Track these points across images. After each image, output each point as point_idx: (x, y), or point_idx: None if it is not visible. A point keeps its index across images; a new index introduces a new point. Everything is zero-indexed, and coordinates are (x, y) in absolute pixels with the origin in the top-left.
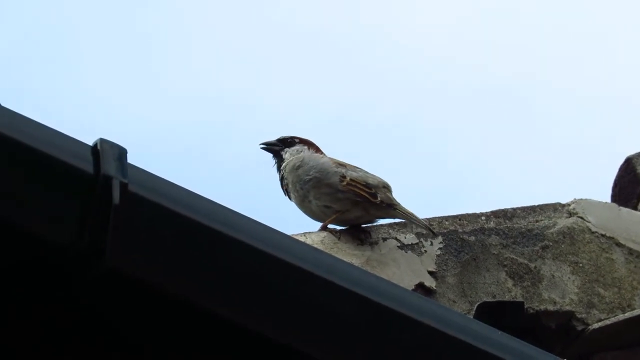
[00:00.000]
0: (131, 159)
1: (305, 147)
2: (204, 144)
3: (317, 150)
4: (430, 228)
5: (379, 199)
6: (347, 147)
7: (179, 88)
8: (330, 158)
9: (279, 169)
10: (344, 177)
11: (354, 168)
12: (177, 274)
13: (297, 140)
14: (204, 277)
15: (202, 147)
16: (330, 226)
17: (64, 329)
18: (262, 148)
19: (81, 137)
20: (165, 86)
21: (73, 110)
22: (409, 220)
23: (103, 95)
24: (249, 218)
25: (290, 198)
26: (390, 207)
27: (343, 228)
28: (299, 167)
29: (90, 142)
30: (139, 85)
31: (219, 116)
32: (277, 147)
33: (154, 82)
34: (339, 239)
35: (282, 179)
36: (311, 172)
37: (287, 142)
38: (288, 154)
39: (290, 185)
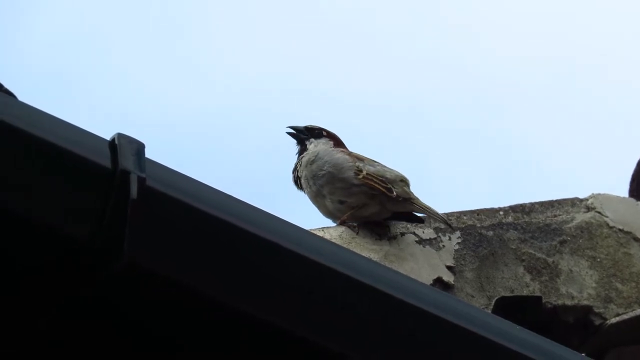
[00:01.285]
0: (155, 150)
1: (332, 142)
2: (235, 130)
3: (339, 144)
4: (448, 221)
5: (394, 193)
6: (412, 139)
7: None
8: (349, 152)
9: (299, 158)
10: (360, 170)
11: (372, 162)
12: (195, 269)
13: (324, 133)
14: (222, 272)
15: (234, 133)
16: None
17: (81, 324)
18: (289, 132)
19: (120, 124)
20: (204, 72)
21: (119, 97)
22: (427, 213)
23: (139, 81)
24: (268, 213)
25: (301, 189)
26: (407, 201)
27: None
28: (313, 162)
29: (109, 137)
30: (172, 68)
31: (256, 103)
32: (303, 135)
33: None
34: (357, 233)
35: (294, 170)
36: (325, 167)
37: (314, 133)
38: (312, 145)
39: (303, 180)
